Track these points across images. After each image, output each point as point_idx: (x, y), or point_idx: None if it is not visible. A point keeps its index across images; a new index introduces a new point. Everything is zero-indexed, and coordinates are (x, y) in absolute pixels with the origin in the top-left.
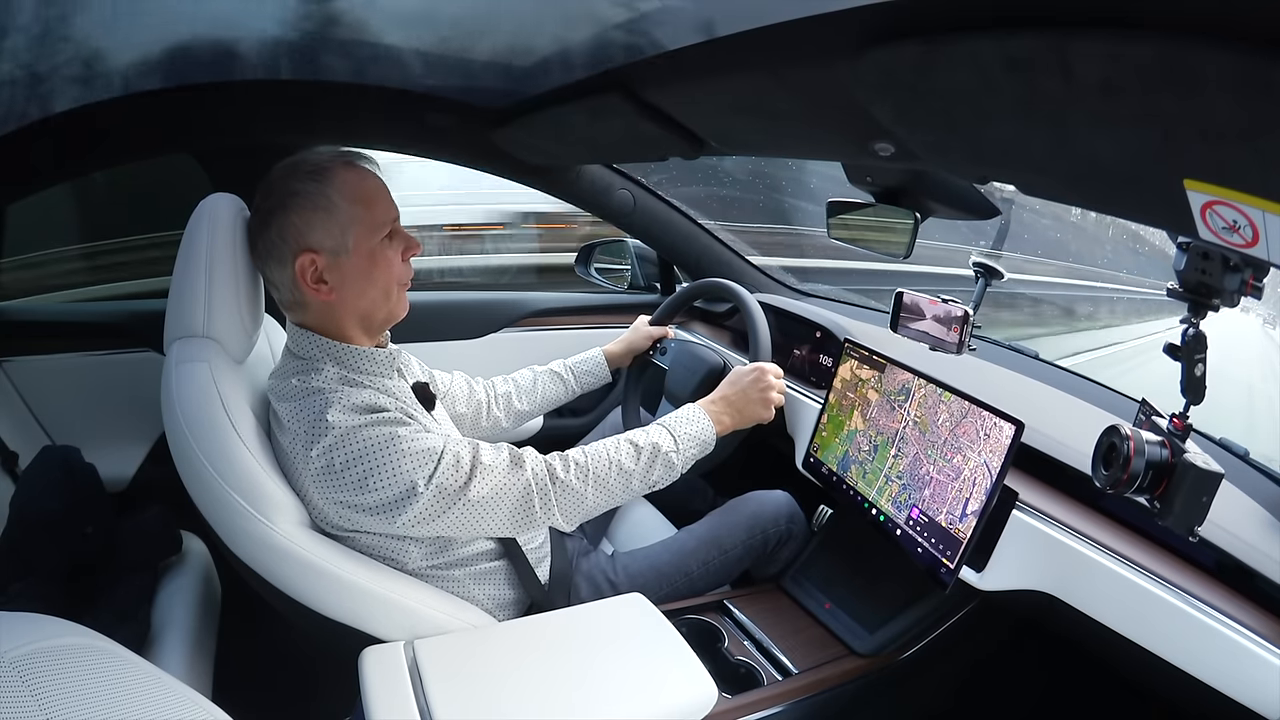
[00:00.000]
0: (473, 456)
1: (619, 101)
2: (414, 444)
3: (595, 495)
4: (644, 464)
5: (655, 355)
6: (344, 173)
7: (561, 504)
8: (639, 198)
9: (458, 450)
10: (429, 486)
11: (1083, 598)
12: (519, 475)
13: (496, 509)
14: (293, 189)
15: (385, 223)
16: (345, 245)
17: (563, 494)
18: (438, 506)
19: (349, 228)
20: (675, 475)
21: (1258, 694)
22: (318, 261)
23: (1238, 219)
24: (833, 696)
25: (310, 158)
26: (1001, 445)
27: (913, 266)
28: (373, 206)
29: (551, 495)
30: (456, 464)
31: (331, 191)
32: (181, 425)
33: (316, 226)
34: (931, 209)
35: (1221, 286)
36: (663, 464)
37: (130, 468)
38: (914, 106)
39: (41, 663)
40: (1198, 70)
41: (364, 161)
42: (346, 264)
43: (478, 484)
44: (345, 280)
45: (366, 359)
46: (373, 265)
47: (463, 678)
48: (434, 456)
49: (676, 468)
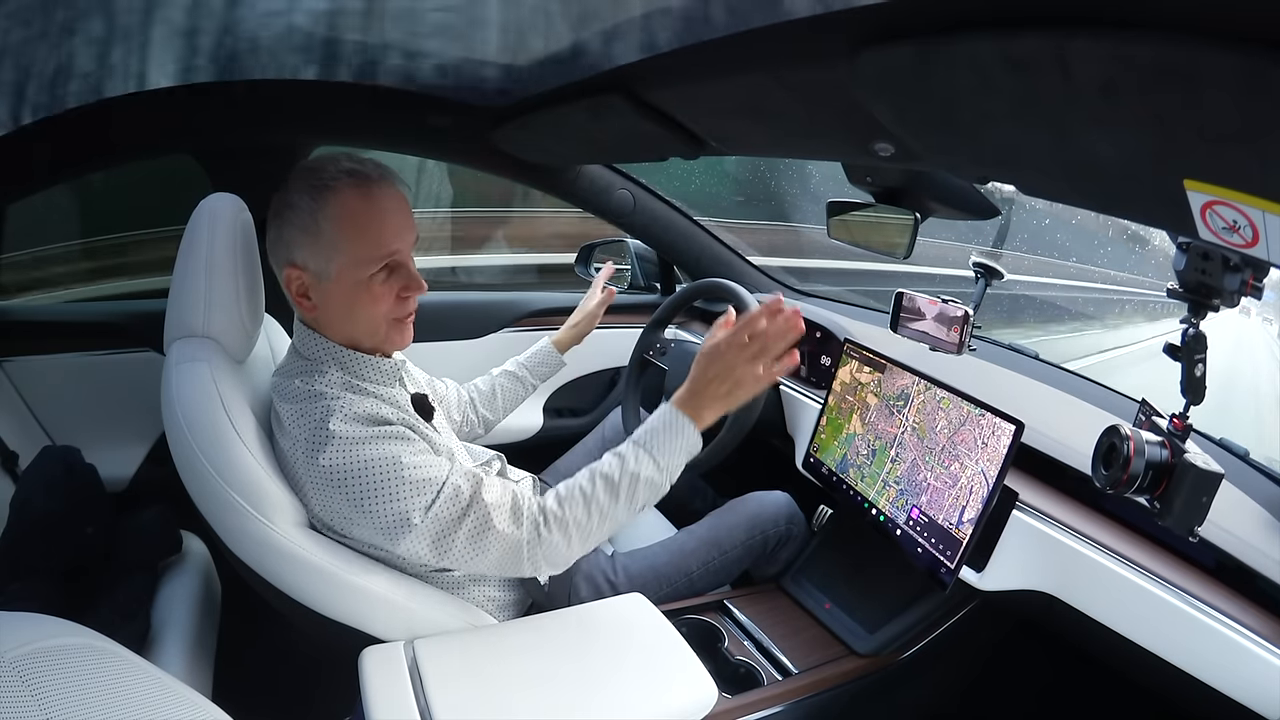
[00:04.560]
0: (472, 492)
1: (619, 101)
2: (415, 472)
3: (579, 540)
4: (625, 497)
5: (655, 356)
6: (345, 195)
7: (549, 553)
8: (639, 198)
9: (457, 484)
10: (425, 518)
11: (1083, 598)
12: (516, 525)
13: (486, 553)
14: (290, 200)
15: (377, 257)
16: (328, 272)
17: (548, 545)
18: (429, 541)
19: (333, 257)
20: (664, 491)
21: (1258, 694)
22: (303, 277)
23: (1238, 219)
24: (833, 696)
25: (323, 168)
26: (999, 453)
27: (912, 267)
28: (364, 238)
29: (539, 549)
30: (455, 495)
31: (321, 216)
32: (181, 425)
33: (304, 246)
34: (931, 209)
35: (1221, 286)
36: (646, 487)
37: (130, 468)
38: (913, 107)
39: (41, 663)
40: (1198, 70)
41: (379, 183)
42: (328, 289)
43: (470, 520)
44: (327, 303)
45: (371, 367)
46: (354, 298)
47: (463, 678)
48: (434, 487)
49: (663, 486)
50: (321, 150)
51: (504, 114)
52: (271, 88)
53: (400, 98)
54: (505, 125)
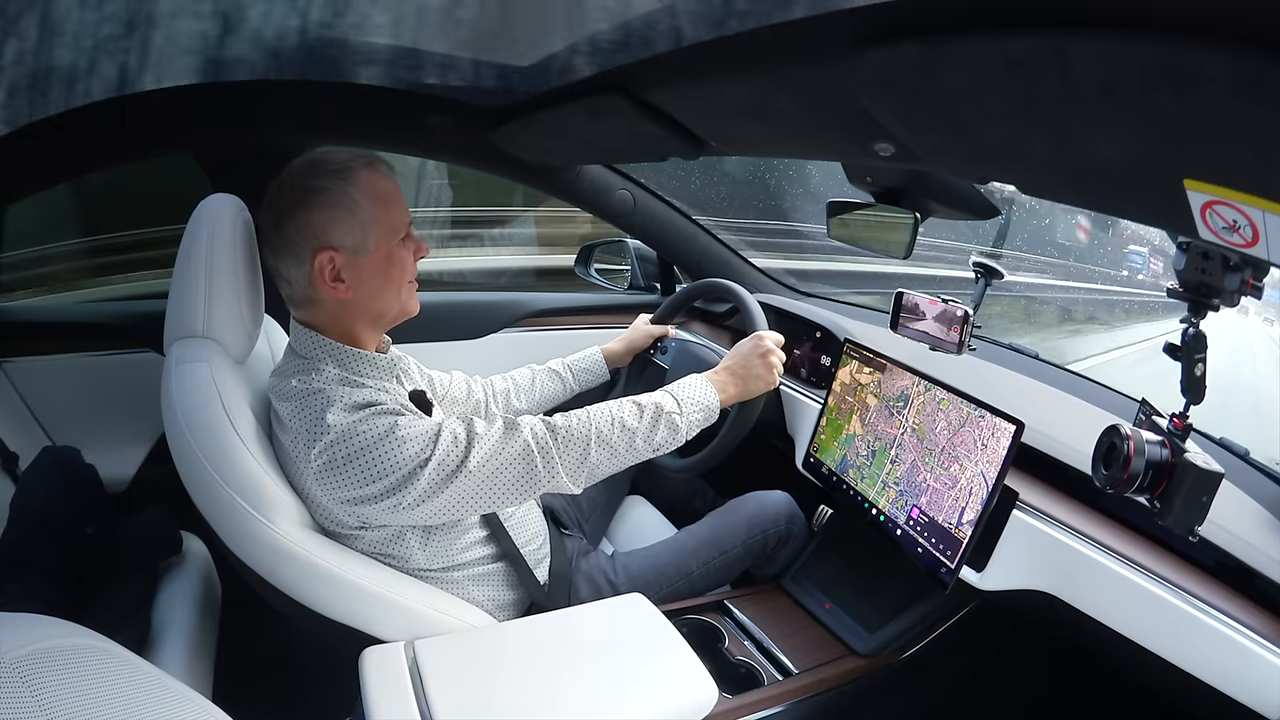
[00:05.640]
0: (468, 429)
1: (619, 101)
2: (411, 430)
3: (599, 450)
4: (647, 422)
5: (655, 355)
6: (364, 173)
7: (564, 458)
8: (639, 198)
9: (454, 427)
10: (429, 463)
11: (1083, 597)
12: (515, 436)
13: (498, 474)
14: (314, 186)
15: (402, 224)
16: (366, 244)
17: (564, 447)
18: (440, 480)
19: (370, 227)
20: (679, 439)
21: (1258, 693)
22: (336, 259)
23: (1238, 219)
24: (833, 696)
25: (331, 156)
26: (999, 453)
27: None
28: (391, 208)
29: (553, 450)
30: (454, 439)
31: (354, 190)
32: (181, 425)
33: (339, 224)
34: (931, 209)
35: (1221, 286)
36: (666, 425)
37: (130, 468)
38: (913, 107)
39: (41, 663)
40: (1197, 71)
41: (380, 163)
42: (365, 263)
43: (476, 452)
44: (362, 279)
45: (368, 364)
46: (390, 265)
47: (463, 678)
48: (431, 437)
49: (681, 430)
50: (321, 150)
51: (504, 114)
52: (272, 88)
53: (400, 98)
54: (505, 125)
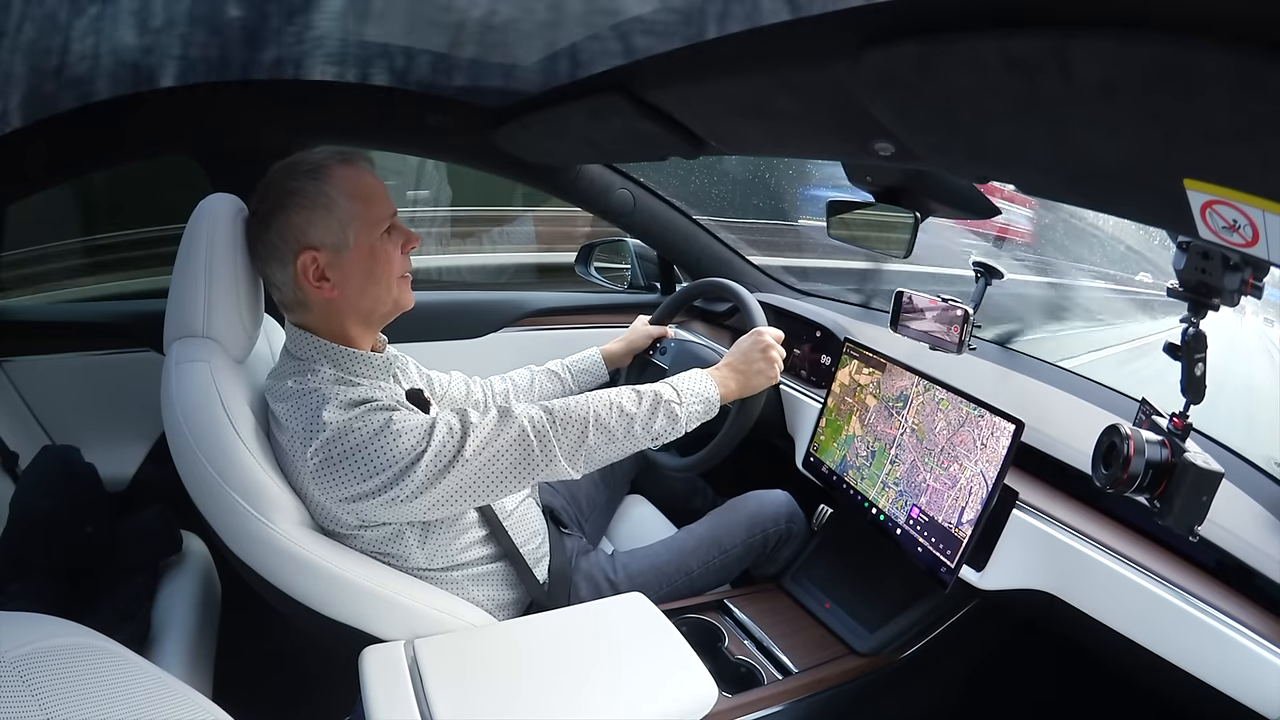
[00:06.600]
0: (462, 419)
1: (619, 101)
2: (406, 424)
3: (596, 433)
4: (646, 408)
5: (655, 355)
6: (341, 170)
7: (562, 441)
8: (639, 198)
9: (448, 419)
10: (425, 455)
11: (1083, 597)
12: (511, 422)
13: (495, 461)
14: (291, 188)
15: (383, 218)
16: (346, 241)
17: (561, 429)
18: (437, 472)
19: (349, 224)
20: (679, 429)
21: (1258, 693)
22: (319, 259)
23: (1238, 218)
24: (833, 696)
25: (307, 157)
26: (999, 453)
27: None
28: (371, 202)
29: (550, 433)
30: (450, 430)
31: (329, 189)
32: (181, 425)
33: (317, 224)
34: (931, 209)
35: (1221, 286)
36: (665, 413)
37: (130, 468)
38: (913, 106)
39: (42, 663)
40: (1197, 70)
41: (359, 159)
42: (348, 260)
43: (472, 440)
44: (347, 277)
45: (363, 363)
46: (374, 261)
47: (463, 677)
48: (427, 430)
49: (680, 420)
50: (321, 150)
51: (504, 114)
52: (272, 88)
53: (400, 97)
54: (505, 125)
